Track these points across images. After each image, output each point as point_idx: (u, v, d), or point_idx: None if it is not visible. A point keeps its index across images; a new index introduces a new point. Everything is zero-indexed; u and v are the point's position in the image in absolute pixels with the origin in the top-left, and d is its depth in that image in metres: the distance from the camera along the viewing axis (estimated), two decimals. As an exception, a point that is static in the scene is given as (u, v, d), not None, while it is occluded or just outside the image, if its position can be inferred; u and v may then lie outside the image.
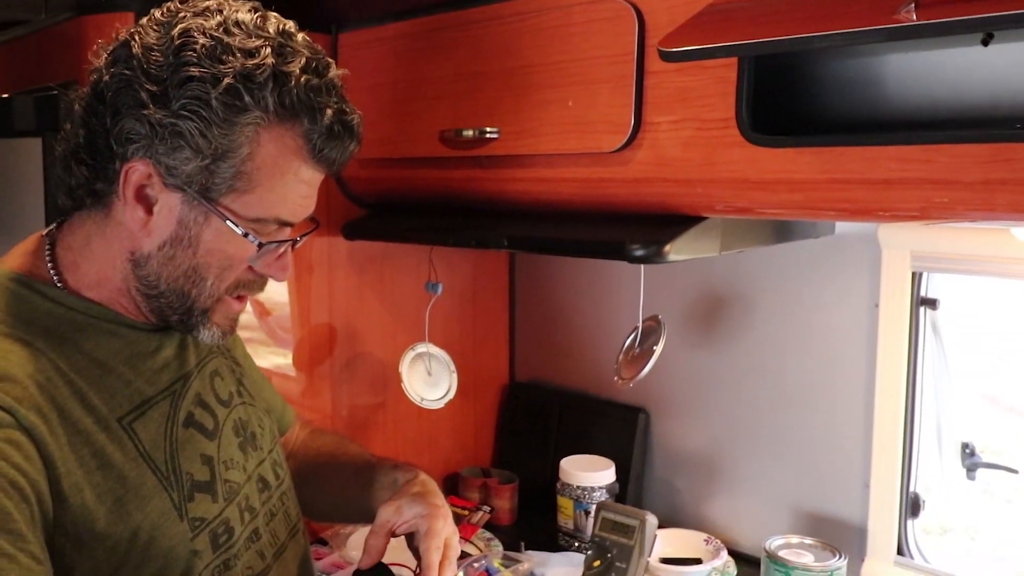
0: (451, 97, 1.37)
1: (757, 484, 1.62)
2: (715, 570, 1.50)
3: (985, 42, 0.85)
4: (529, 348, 2.01)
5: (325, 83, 0.85)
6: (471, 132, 1.31)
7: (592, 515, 1.56)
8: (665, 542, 1.54)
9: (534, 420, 1.93)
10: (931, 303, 1.40)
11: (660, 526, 1.38)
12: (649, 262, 1.17)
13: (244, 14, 0.84)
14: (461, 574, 1.47)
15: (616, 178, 1.20)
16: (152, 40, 0.82)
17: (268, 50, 0.81)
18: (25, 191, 1.43)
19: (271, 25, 0.84)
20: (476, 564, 1.53)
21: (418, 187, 1.50)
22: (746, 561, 1.55)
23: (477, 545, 1.64)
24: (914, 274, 1.39)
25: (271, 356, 1.63)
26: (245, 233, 0.85)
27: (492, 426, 2.00)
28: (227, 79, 0.79)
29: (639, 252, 1.16)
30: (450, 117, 1.36)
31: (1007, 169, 0.87)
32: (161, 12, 0.85)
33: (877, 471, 1.44)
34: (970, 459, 1.43)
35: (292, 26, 0.86)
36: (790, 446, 1.57)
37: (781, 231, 1.35)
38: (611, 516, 1.36)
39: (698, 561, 1.52)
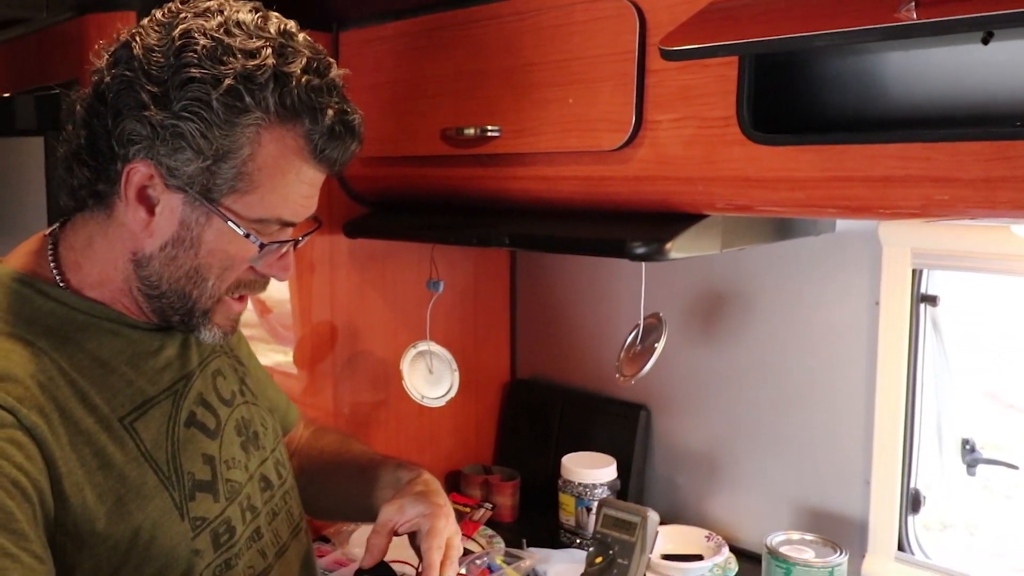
0: (452, 95, 1.37)
1: (758, 480, 1.62)
2: (716, 566, 1.51)
3: (985, 41, 0.85)
4: (530, 345, 2.01)
5: (326, 83, 0.85)
6: (472, 130, 1.31)
7: (594, 512, 1.57)
8: (666, 538, 1.54)
9: (535, 417, 1.93)
10: (931, 300, 1.40)
11: (661, 522, 1.38)
12: (650, 260, 1.17)
13: (245, 14, 0.84)
14: (463, 571, 1.48)
15: (617, 176, 1.20)
16: (153, 41, 0.82)
17: (269, 51, 0.81)
18: (27, 190, 1.43)
19: (272, 25, 0.84)
20: (478, 561, 1.53)
21: (419, 185, 1.50)
22: (747, 557, 1.55)
23: (479, 542, 1.65)
24: (914, 271, 1.39)
25: (272, 353, 1.63)
26: (247, 234, 0.85)
27: (493, 423, 2.00)
28: (228, 80, 0.79)
29: (640, 250, 1.16)
30: (451, 115, 1.36)
31: (1007, 166, 0.87)
32: (162, 13, 0.85)
33: (878, 467, 1.45)
34: (970, 455, 1.43)
35: (293, 26, 0.86)
36: (791, 442, 1.57)
37: (782, 229, 1.36)
38: (613, 513, 1.37)
39: (699, 557, 1.52)
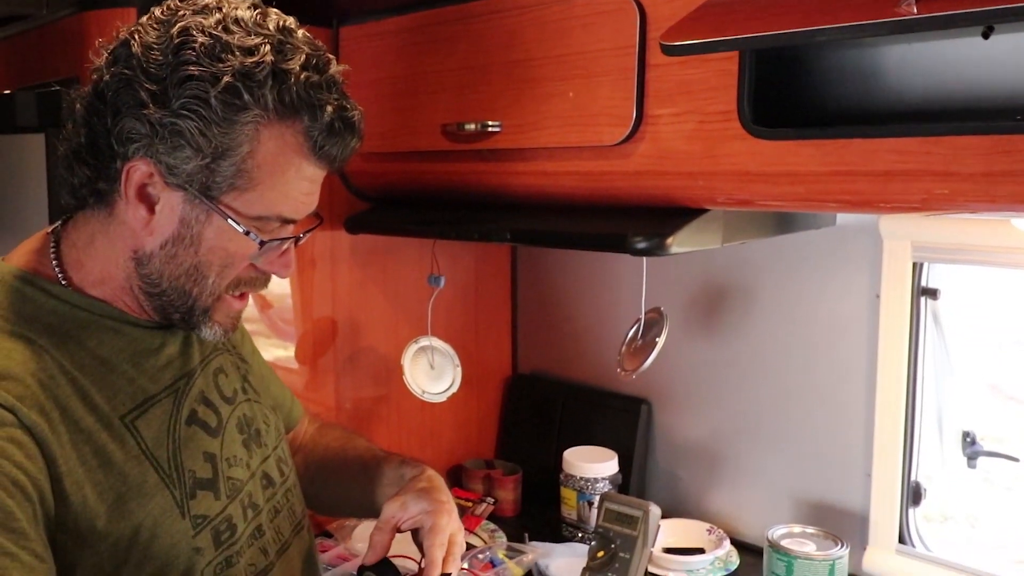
0: (453, 90, 1.36)
1: (759, 474, 1.62)
2: (718, 559, 1.51)
3: (986, 35, 0.84)
4: (532, 340, 2.01)
5: (325, 79, 0.84)
6: (473, 125, 1.31)
7: (595, 506, 1.57)
8: (668, 532, 1.54)
9: (537, 412, 1.93)
10: (932, 293, 1.41)
11: (663, 516, 1.39)
12: (651, 254, 1.18)
13: (244, 11, 0.83)
14: (466, 565, 1.48)
15: (618, 171, 1.20)
16: (152, 39, 0.81)
17: (267, 47, 0.81)
18: (28, 187, 1.43)
19: (271, 22, 0.84)
20: (480, 556, 1.53)
21: (420, 181, 1.50)
22: (748, 550, 1.56)
23: (481, 536, 1.65)
24: (915, 264, 1.39)
25: (272, 348, 1.64)
26: (246, 231, 0.85)
27: (495, 418, 2.00)
28: (226, 78, 0.79)
29: (641, 245, 1.16)
30: (452, 110, 1.36)
31: (1008, 160, 0.87)
32: (161, 10, 0.84)
33: (878, 460, 1.45)
34: (971, 447, 1.43)
35: (292, 22, 0.86)
36: (792, 436, 1.57)
37: (782, 223, 1.35)
38: (614, 507, 1.37)
39: (701, 551, 1.53)
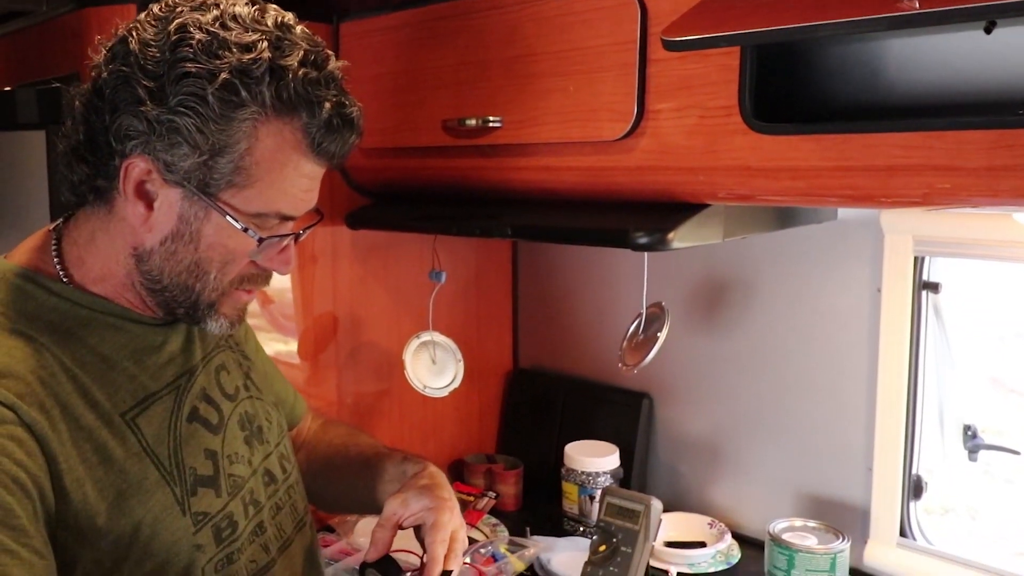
0: (454, 86, 1.36)
1: (760, 468, 1.63)
2: (719, 553, 1.51)
3: (988, 29, 0.84)
4: (533, 335, 2.01)
5: (324, 76, 0.84)
6: (474, 121, 1.30)
7: (597, 500, 1.58)
8: (670, 526, 1.55)
9: (538, 406, 1.93)
10: (933, 287, 1.40)
11: (664, 510, 1.38)
12: (652, 249, 1.17)
13: (242, 7, 0.83)
14: (468, 560, 1.48)
15: (619, 166, 1.19)
16: (149, 36, 0.81)
17: (265, 44, 0.80)
18: (29, 184, 1.43)
19: (269, 18, 0.83)
20: (482, 550, 1.54)
21: (421, 176, 1.50)
22: (750, 544, 1.56)
23: (483, 531, 1.65)
24: (916, 258, 1.39)
25: (273, 343, 1.64)
26: (245, 228, 0.84)
27: (496, 413, 2.00)
28: (223, 75, 0.79)
29: (643, 240, 1.16)
30: (453, 106, 1.36)
31: (1009, 155, 0.87)
32: (159, 7, 0.84)
33: (880, 454, 1.45)
34: (972, 441, 1.44)
35: (291, 18, 0.85)
36: (793, 430, 1.57)
37: (784, 217, 1.35)
38: (616, 501, 1.37)
39: (702, 544, 1.53)
